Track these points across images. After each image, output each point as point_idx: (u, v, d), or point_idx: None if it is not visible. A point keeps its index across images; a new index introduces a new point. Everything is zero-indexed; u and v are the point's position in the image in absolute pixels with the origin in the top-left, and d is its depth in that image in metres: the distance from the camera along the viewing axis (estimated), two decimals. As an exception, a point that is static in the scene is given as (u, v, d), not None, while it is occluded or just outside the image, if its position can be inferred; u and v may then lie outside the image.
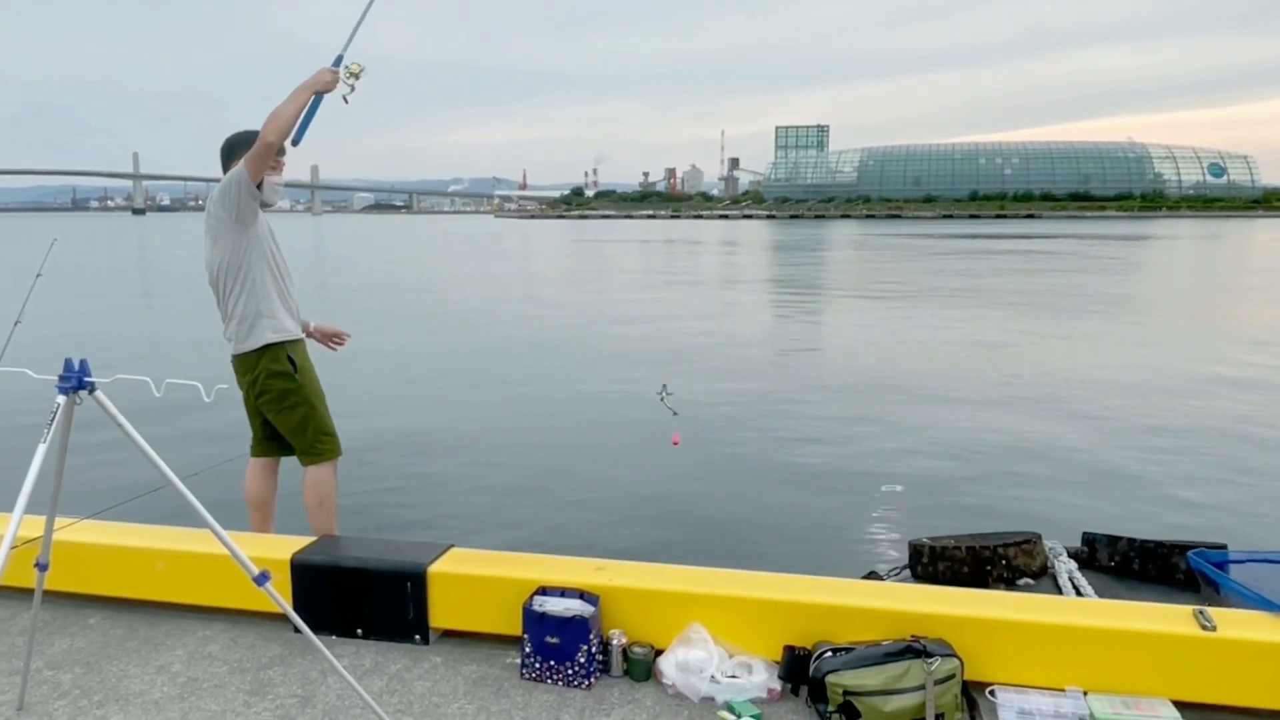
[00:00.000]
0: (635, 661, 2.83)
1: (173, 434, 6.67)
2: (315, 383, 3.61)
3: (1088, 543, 3.80)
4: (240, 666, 2.93)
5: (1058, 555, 3.68)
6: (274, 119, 3.16)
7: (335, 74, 3.16)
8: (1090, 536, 3.81)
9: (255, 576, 2.35)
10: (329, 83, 3.16)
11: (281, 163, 3.54)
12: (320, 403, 3.61)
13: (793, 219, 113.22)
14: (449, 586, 3.05)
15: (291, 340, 3.54)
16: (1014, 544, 3.58)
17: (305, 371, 3.56)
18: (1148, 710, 2.52)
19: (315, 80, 3.16)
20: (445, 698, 2.74)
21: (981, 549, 3.55)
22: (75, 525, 3.33)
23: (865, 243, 49.19)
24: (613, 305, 18.83)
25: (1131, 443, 7.18)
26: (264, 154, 3.23)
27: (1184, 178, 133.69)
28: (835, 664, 2.57)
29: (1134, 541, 3.69)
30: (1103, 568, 3.70)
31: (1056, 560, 3.64)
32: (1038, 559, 3.61)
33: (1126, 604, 2.83)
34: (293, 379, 3.50)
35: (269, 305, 3.48)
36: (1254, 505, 5.72)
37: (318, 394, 3.60)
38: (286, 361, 3.50)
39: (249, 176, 3.30)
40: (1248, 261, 32.04)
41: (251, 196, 3.36)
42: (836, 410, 8.48)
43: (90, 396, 2.24)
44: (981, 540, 3.64)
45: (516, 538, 5.08)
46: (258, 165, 3.28)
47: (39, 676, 2.86)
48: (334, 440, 3.63)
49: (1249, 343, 12.71)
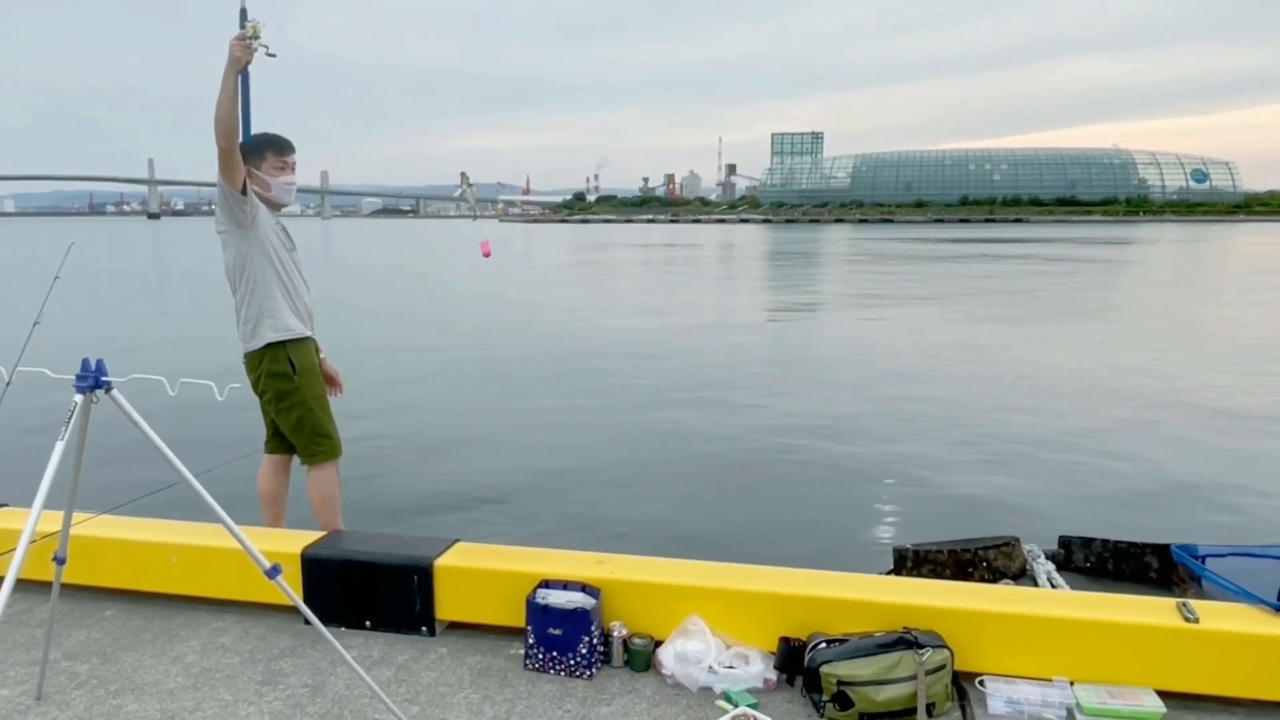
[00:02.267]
0: (635, 652, 2.83)
1: (186, 431, 6.67)
2: (315, 385, 3.56)
3: (1064, 545, 3.82)
4: (252, 657, 2.94)
5: (1036, 557, 3.70)
6: (216, 121, 3.06)
7: (244, 44, 3.03)
8: (1066, 539, 3.82)
9: (267, 570, 2.35)
10: (240, 56, 3.04)
11: (289, 163, 3.52)
12: (318, 404, 3.56)
13: (788, 223, 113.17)
14: (455, 580, 3.05)
15: (295, 339, 3.49)
16: (994, 547, 3.59)
17: (305, 373, 3.51)
18: (1132, 700, 2.52)
19: (231, 60, 3.03)
20: (451, 687, 2.74)
21: (963, 552, 3.57)
22: (92, 520, 3.33)
23: (860, 247, 49.19)
24: (612, 306, 18.83)
25: (1111, 445, 7.18)
26: (222, 158, 3.18)
27: (1168, 183, 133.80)
28: (829, 655, 2.58)
29: (1108, 543, 3.71)
30: (1079, 568, 3.73)
31: (1035, 562, 3.66)
32: (1017, 561, 3.63)
33: (1112, 597, 2.83)
34: (290, 380, 3.47)
35: (271, 305, 3.46)
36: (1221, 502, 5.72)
37: (316, 396, 3.55)
38: (286, 362, 3.47)
39: (225, 182, 3.27)
40: (1234, 265, 32.02)
41: (236, 201, 3.33)
42: (832, 409, 8.47)
43: (107, 395, 2.24)
44: (963, 544, 3.65)
45: (520, 532, 5.08)
46: (224, 170, 3.23)
47: (57, 667, 2.86)
48: (331, 442, 3.59)
49: (1239, 346, 12.71)
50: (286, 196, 3.54)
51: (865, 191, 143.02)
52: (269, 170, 3.48)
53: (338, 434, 3.65)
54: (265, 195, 3.48)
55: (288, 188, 3.54)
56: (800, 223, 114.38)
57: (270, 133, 3.54)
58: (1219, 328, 14.64)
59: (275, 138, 3.52)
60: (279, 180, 3.50)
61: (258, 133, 3.49)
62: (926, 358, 11.50)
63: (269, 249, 3.45)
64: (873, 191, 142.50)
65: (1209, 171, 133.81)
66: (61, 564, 2.57)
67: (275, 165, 3.49)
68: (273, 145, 3.50)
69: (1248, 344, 12.56)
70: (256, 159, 3.45)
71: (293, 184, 3.57)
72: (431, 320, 16.49)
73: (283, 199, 3.54)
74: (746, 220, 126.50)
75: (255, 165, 3.45)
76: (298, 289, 3.56)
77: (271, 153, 3.48)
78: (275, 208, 3.56)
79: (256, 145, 3.47)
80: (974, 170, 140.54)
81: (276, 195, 3.51)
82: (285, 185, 3.52)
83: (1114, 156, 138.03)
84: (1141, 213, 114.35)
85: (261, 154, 3.47)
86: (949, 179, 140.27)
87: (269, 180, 3.48)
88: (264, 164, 3.47)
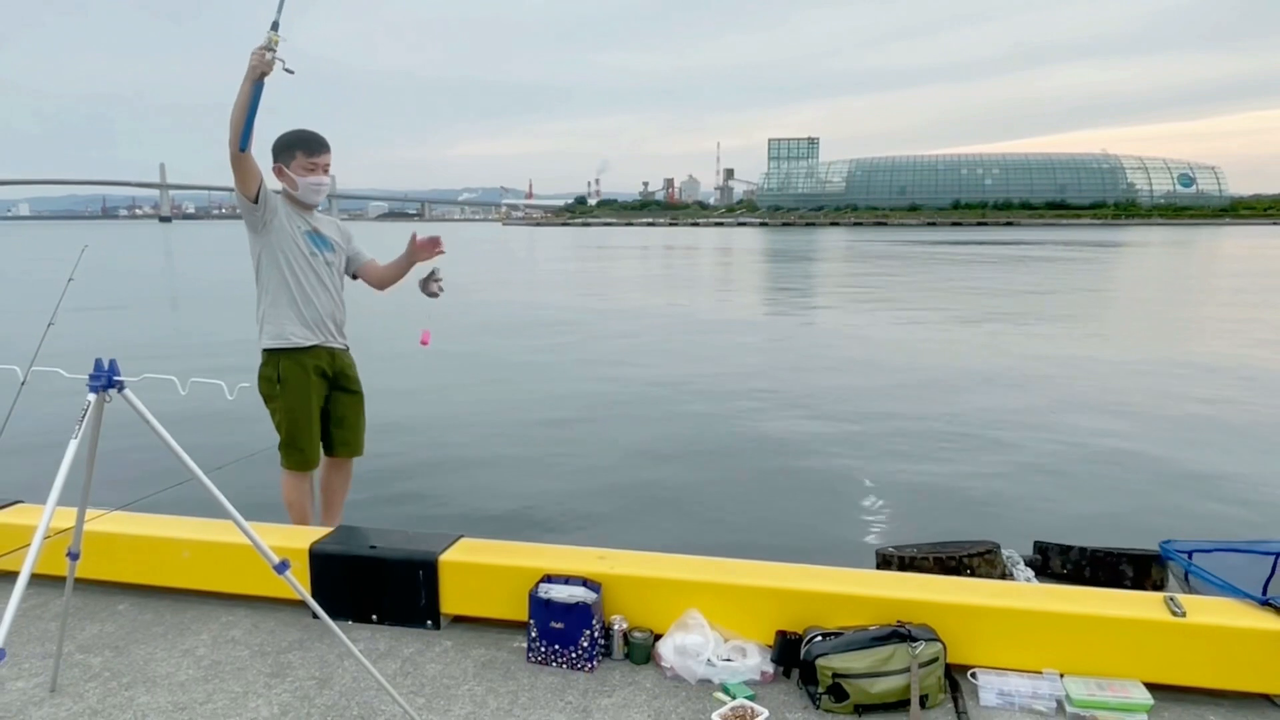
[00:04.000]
0: (635, 645, 2.83)
1: (197, 430, 6.67)
2: (297, 396, 3.45)
3: (1040, 551, 3.83)
4: (261, 650, 2.94)
5: (1015, 564, 3.71)
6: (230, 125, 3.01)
7: (260, 55, 2.91)
8: (1043, 545, 3.83)
9: (276, 565, 2.35)
10: (256, 66, 2.92)
11: (319, 163, 3.40)
12: (293, 417, 3.46)
13: (784, 226, 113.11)
14: (459, 574, 3.05)
15: (289, 349, 3.42)
16: (976, 554, 3.61)
17: (289, 384, 3.44)
18: (1120, 691, 2.52)
19: (251, 69, 2.93)
20: (456, 680, 2.74)
21: (947, 559, 3.57)
22: (105, 516, 3.33)
23: (855, 248, 49.17)
24: (613, 306, 18.83)
25: (1090, 446, 7.18)
26: (231, 163, 3.13)
27: (1155, 187, 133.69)
28: (825, 648, 2.58)
29: (1084, 550, 3.72)
30: (1056, 574, 3.75)
31: (1014, 568, 3.67)
32: (998, 567, 3.64)
33: (1101, 591, 2.84)
34: (273, 387, 3.46)
35: (274, 312, 3.43)
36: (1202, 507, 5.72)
37: (295, 408, 3.46)
38: (274, 370, 3.45)
39: (237, 188, 3.24)
40: (1225, 267, 32.01)
41: (246, 207, 3.30)
42: (827, 407, 8.48)
43: (119, 394, 2.24)
44: (945, 550, 3.66)
45: (523, 528, 5.08)
46: (234, 176, 3.19)
47: (71, 660, 2.87)
48: (294, 455, 3.50)
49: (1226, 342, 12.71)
50: (314, 196, 3.43)
51: (860, 195, 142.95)
52: (297, 170, 3.37)
53: (312, 450, 3.54)
54: (293, 194, 3.40)
55: (316, 188, 3.41)
56: (796, 226, 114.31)
57: (305, 130, 3.41)
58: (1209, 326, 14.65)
59: (307, 136, 3.40)
60: (307, 180, 3.38)
61: (291, 130, 3.39)
62: (923, 355, 11.50)
63: (280, 255, 3.39)
64: (867, 195, 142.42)
65: (1195, 176, 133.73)
66: (75, 559, 2.57)
67: (304, 165, 3.37)
68: (303, 144, 3.38)
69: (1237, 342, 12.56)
70: (286, 157, 3.36)
71: (322, 184, 3.43)
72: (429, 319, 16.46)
73: (310, 199, 3.42)
74: (744, 223, 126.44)
75: (285, 164, 3.37)
76: (311, 296, 3.46)
77: (301, 152, 3.37)
78: (305, 208, 3.45)
79: (288, 143, 3.37)
80: (966, 175, 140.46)
81: (303, 195, 3.40)
82: (313, 185, 3.40)
83: (1103, 161, 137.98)
84: (1125, 216, 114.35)
85: (291, 152, 3.37)
86: (942, 183, 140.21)
87: (296, 180, 3.37)
88: (293, 163, 3.37)
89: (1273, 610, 2.60)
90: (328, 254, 3.52)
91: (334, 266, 3.56)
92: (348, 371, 3.66)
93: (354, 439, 3.72)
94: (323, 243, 3.50)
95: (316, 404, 3.54)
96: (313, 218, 3.50)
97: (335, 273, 3.58)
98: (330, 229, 3.57)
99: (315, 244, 3.48)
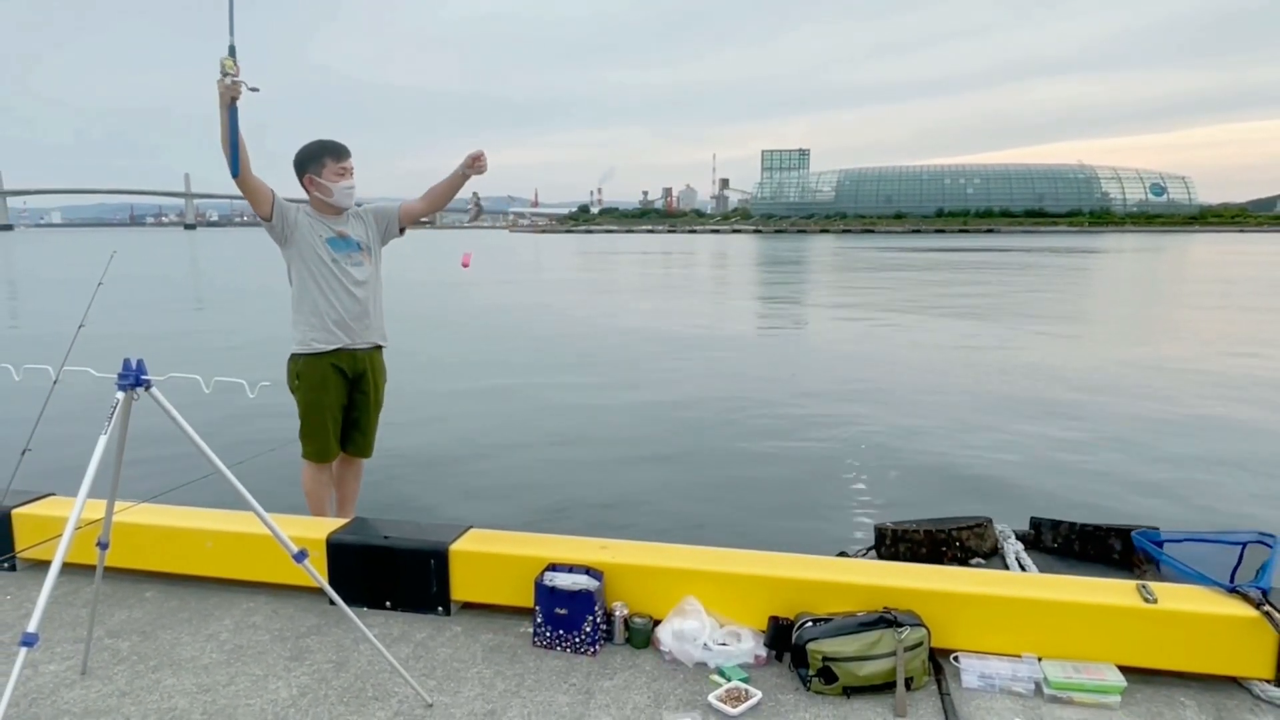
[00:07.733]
0: (636, 631, 2.83)
1: (220, 426, 6.67)
2: (313, 393, 3.47)
3: (1034, 526, 3.80)
4: (281, 635, 2.94)
5: (1006, 537, 3.67)
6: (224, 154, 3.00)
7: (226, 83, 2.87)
8: (1037, 520, 3.81)
9: (295, 554, 2.36)
10: (223, 93, 2.89)
11: (347, 167, 3.40)
12: (310, 411, 3.48)
13: (777, 233, 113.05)
14: (468, 563, 3.05)
15: (306, 354, 3.44)
16: (967, 527, 3.58)
17: (306, 381, 3.46)
18: (1095, 674, 2.52)
19: (220, 97, 2.91)
20: (465, 663, 2.74)
21: (938, 532, 3.55)
22: (133, 508, 3.33)
23: (844, 255, 49.15)
24: (613, 306, 18.82)
25: (1082, 433, 7.18)
26: (239, 188, 3.15)
27: (1128, 196, 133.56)
28: (815, 633, 2.57)
29: (1075, 525, 3.69)
30: (1047, 549, 3.71)
31: (1005, 542, 3.64)
32: (988, 541, 3.61)
33: (1077, 579, 2.83)
34: (294, 382, 3.51)
35: (299, 317, 3.45)
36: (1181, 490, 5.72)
37: (309, 403, 3.48)
38: (293, 372, 3.49)
39: (252, 209, 3.26)
40: (1192, 271, 32.00)
41: (266, 226, 3.34)
42: (822, 406, 8.47)
43: (146, 393, 2.24)
44: (938, 524, 3.64)
45: (529, 519, 5.08)
46: (246, 198, 3.20)
47: (100, 644, 2.87)
48: (308, 446, 3.53)
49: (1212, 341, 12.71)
50: (347, 200, 3.44)
51: (848, 204, 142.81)
52: (329, 176, 3.36)
53: (324, 443, 3.53)
54: (328, 200, 3.39)
55: (348, 191, 3.42)
56: (788, 233, 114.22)
57: (326, 139, 3.43)
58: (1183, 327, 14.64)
59: (331, 144, 3.41)
60: (340, 185, 3.38)
61: (312, 141, 3.40)
62: (917, 354, 11.49)
63: (304, 264, 3.39)
64: (855, 204, 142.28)
65: (1167, 185, 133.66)
66: (104, 549, 2.57)
67: (335, 170, 3.37)
68: (330, 151, 3.38)
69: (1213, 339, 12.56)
70: (317, 166, 3.36)
71: (352, 187, 3.44)
72: (432, 320, 16.48)
73: (344, 203, 3.43)
74: (738, 230, 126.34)
75: (316, 173, 3.36)
76: (334, 301, 3.43)
77: (330, 158, 3.37)
78: (333, 213, 3.45)
79: (314, 153, 3.37)
80: (949, 184, 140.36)
81: (338, 199, 3.40)
82: (346, 190, 3.40)
83: (1079, 171, 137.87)
84: (1100, 223, 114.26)
85: (321, 160, 3.36)
86: (926, 192, 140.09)
87: (330, 186, 3.37)
88: (325, 170, 3.36)
89: (1240, 597, 2.59)
90: (354, 255, 3.49)
91: (364, 265, 3.51)
92: (369, 375, 3.60)
93: (363, 441, 3.69)
94: (348, 245, 3.47)
95: (333, 401, 3.51)
96: (340, 221, 3.48)
97: (366, 271, 3.52)
98: (358, 228, 3.53)
99: (338, 249, 3.45)
